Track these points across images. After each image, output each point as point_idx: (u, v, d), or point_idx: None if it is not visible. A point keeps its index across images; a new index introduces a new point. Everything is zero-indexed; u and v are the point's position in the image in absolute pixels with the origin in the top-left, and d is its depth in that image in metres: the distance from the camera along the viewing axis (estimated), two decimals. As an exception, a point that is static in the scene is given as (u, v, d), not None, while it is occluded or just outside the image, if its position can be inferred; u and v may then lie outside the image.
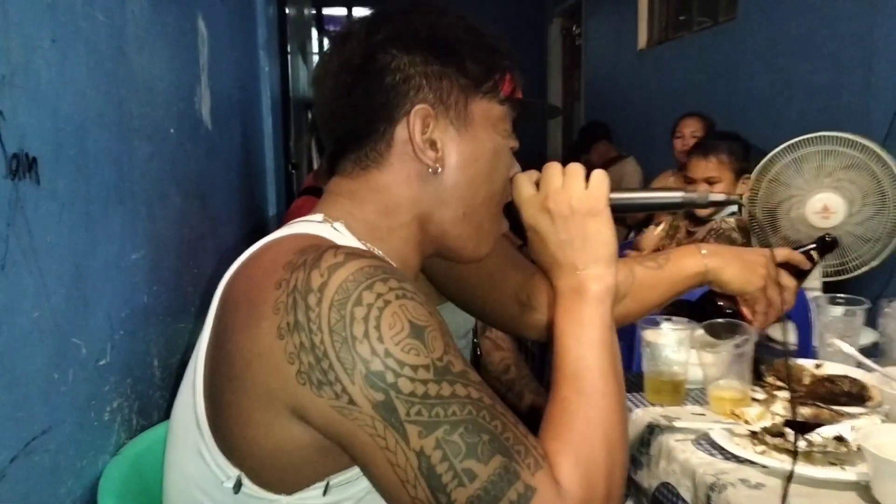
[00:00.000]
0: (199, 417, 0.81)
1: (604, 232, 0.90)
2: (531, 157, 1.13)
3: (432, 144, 0.87)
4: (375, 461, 0.72)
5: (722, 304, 1.26)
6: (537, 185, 0.93)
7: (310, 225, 0.87)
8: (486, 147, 0.90)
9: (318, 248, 0.75)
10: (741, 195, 0.95)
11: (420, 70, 0.86)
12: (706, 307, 1.28)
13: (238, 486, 0.79)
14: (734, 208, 2.68)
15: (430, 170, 0.87)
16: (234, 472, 0.79)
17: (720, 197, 0.99)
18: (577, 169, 0.92)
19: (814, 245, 1.39)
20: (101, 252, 1.01)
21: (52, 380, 0.86)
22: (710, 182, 2.64)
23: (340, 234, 0.86)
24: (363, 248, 0.86)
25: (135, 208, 1.14)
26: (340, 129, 0.90)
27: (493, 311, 1.24)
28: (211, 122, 1.69)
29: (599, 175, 0.91)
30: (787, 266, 1.27)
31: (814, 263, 1.32)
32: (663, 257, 1.22)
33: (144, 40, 1.21)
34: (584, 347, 0.86)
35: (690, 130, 3.98)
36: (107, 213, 1.03)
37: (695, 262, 1.20)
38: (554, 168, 0.93)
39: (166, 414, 1.06)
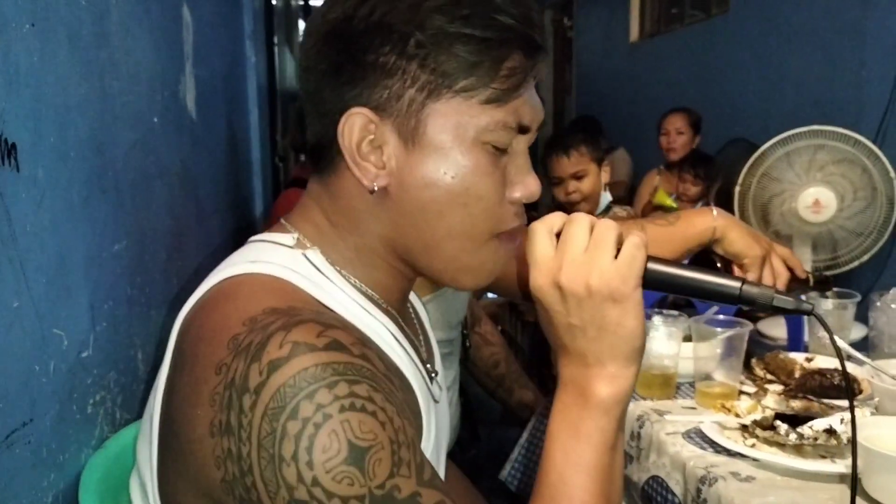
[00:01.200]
0: (153, 457, 0.74)
1: (628, 323, 0.71)
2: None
3: (378, 156, 0.73)
4: None
5: (718, 264, 1.21)
6: (558, 236, 0.73)
7: (277, 253, 0.76)
8: (449, 166, 0.72)
9: (267, 328, 0.64)
10: (807, 299, 0.68)
11: (371, 61, 0.71)
12: (701, 260, 1.23)
13: None
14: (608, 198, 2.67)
15: (368, 190, 0.73)
16: None
17: (788, 303, 0.73)
18: (607, 233, 0.71)
19: (813, 271, 1.39)
20: (83, 241, 0.99)
21: (32, 371, 0.84)
22: (577, 177, 2.62)
23: (312, 269, 0.75)
24: (326, 315, 0.71)
25: (118, 197, 1.12)
26: (307, 123, 0.79)
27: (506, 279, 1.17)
28: (196, 111, 1.67)
29: (634, 245, 0.71)
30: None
31: (807, 280, 1.31)
32: (674, 216, 1.22)
33: (127, 26, 1.19)
34: (572, 469, 0.71)
35: (675, 127, 3.98)
36: (89, 201, 1.01)
37: (705, 219, 1.19)
38: (579, 226, 0.72)
39: (150, 407, 1.04)
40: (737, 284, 0.74)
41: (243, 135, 2.65)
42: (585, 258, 0.70)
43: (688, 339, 1.39)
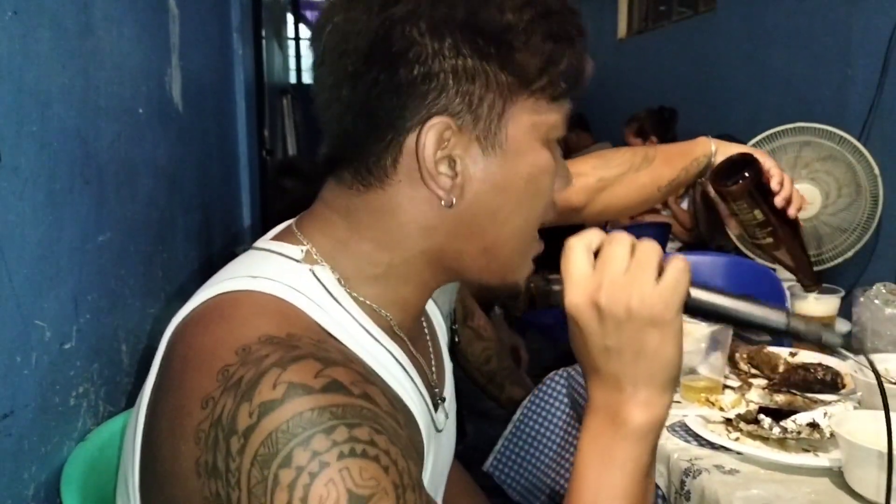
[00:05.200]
0: (134, 477, 0.69)
1: (667, 350, 0.66)
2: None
3: (451, 165, 0.67)
4: None
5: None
6: (597, 254, 0.68)
7: (282, 267, 0.69)
8: (523, 168, 0.70)
9: (261, 362, 0.59)
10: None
11: (449, 65, 0.65)
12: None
13: None
14: None
15: (441, 201, 0.68)
16: None
17: (835, 340, 0.71)
18: (650, 254, 0.66)
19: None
20: (66, 233, 0.98)
21: (14, 362, 0.84)
22: None
23: (318, 287, 0.69)
24: (332, 341, 0.66)
25: (101, 189, 1.11)
26: (337, 128, 0.70)
27: None
28: (182, 104, 1.66)
29: (678, 269, 0.66)
30: None
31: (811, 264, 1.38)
32: (675, 144, 1.32)
33: (113, 16, 1.18)
34: (605, 497, 0.67)
35: (629, 142, 3.93)
36: (72, 192, 1.00)
37: (704, 139, 1.28)
38: (620, 246, 0.67)
39: (134, 401, 1.04)
40: (782, 319, 0.70)
41: (230, 128, 2.63)
42: (627, 279, 0.66)
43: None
